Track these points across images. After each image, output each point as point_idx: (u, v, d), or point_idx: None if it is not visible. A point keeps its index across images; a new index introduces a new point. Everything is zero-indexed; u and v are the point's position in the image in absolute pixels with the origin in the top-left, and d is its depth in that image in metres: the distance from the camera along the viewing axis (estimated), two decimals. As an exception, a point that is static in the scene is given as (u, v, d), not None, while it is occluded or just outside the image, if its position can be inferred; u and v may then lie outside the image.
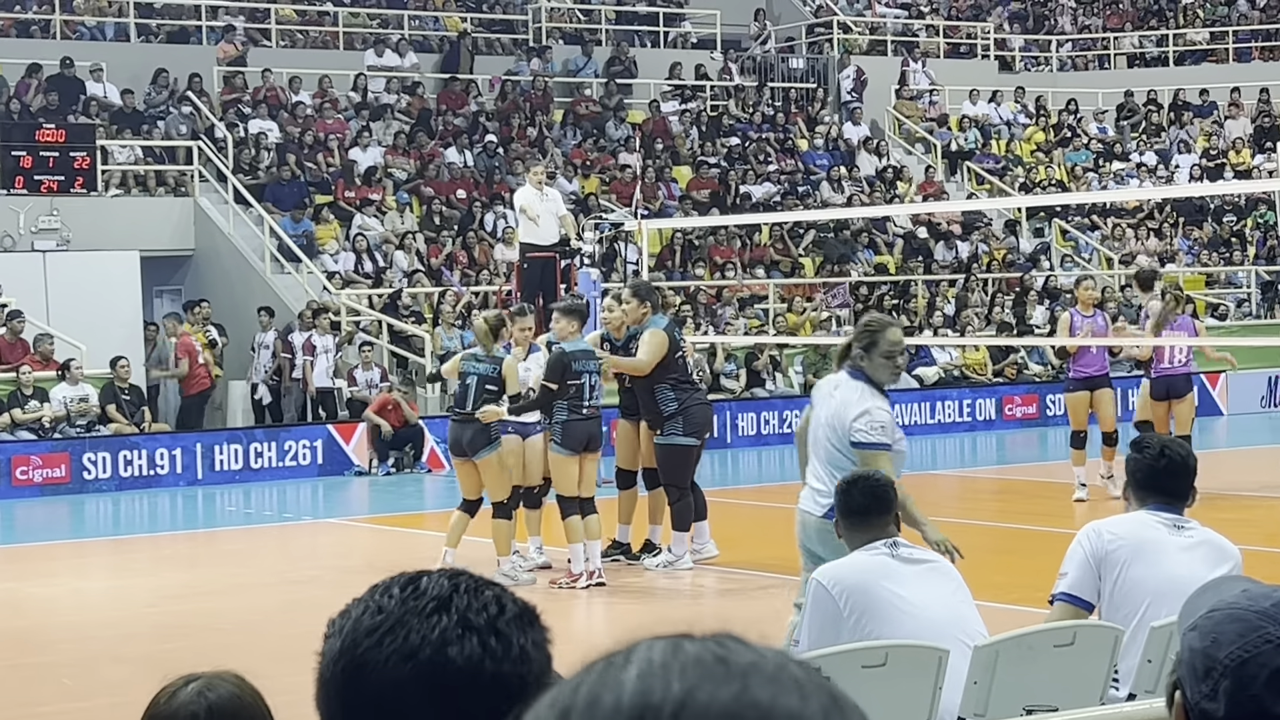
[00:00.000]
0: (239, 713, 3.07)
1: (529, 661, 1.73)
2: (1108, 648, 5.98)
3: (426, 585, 1.77)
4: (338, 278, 25.83)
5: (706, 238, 28.98)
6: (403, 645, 1.71)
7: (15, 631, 12.38)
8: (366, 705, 1.71)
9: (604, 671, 1.25)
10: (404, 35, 32.32)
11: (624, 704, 1.21)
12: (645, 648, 1.26)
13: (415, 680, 1.69)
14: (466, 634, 1.72)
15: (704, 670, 1.23)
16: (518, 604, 1.78)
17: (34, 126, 25.76)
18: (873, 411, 7.88)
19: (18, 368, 21.55)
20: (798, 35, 36.80)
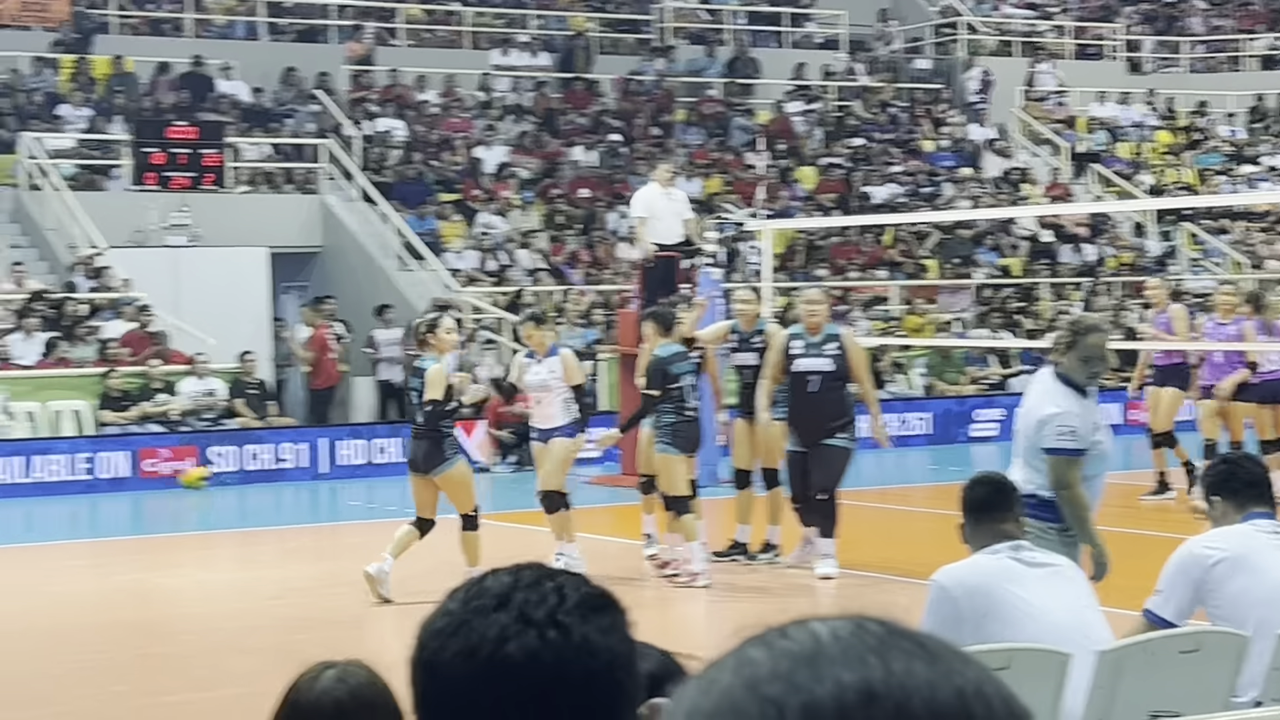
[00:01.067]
0: (375, 699, 3.11)
1: (594, 651, 1.72)
2: (1233, 654, 5.91)
3: (490, 584, 1.78)
4: (461, 275, 26.00)
5: (829, 238, 28.88)
6: (464, 645, 1.72)
7: (142, 622, 12.57)
8: (440, 705, 1.73)
9: (795, 654, 1.18)
10: (529, 34, 32.46)
11: (846, 684, 1.15)
12: (824, 627, 1.20)
13: (477, 678, 1.70)
14: (525, 629, 1.72)
15: (907, 651, 1.18)
16: (581, 593, 1.77)
17: (165, 124, 26.14)
18: (1062, 416, 7.78)
19: (148, 362, 21.87)
20: (924, 35, 36.59)
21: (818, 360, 13.06)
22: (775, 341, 13.42)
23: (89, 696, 10.19)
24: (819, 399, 13.03)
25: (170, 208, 25.56)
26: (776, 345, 13.31)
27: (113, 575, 14.94)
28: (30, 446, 20.65)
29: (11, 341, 21.83)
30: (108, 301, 23.42)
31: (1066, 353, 7.98)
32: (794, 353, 13.12)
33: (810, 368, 13.02)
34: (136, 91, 28.04)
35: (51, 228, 25.18)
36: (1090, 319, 9.02)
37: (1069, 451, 7.77)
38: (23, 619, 12.79)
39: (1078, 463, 7.79)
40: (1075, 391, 7.91)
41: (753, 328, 14.24)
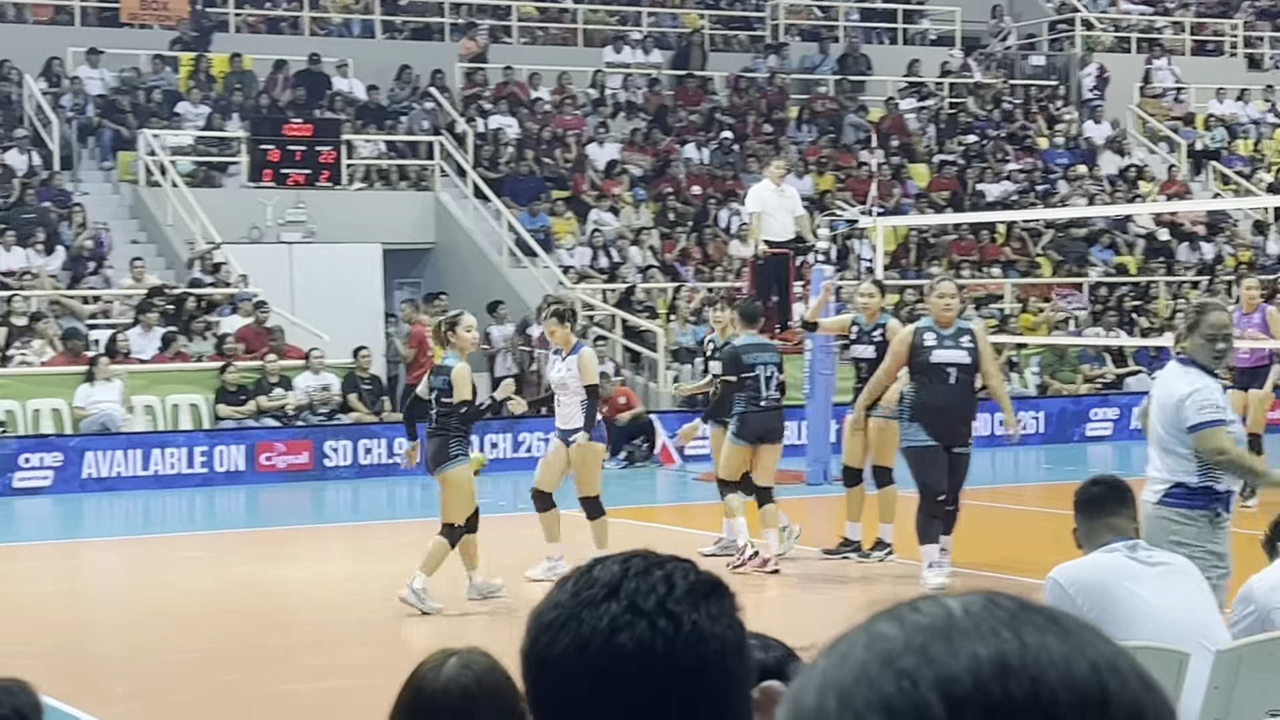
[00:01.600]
0: (499, 686, 3.12)
1: (705, 638, 1.71)
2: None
3: (598, 574, 1.77)
4: (573, 272, 26.07)
5: (942, 236, 28.72)
6: (576, 637, 1.71)
7: (257, 613, 12.70)
8: (553, 697, 1.72)
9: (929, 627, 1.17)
10: (642, 32, 32.51)
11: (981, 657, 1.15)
12: (956, 602, 1.20)
13: (590, 671, 1.70)
14: (636, 618, 1.71)
15: (1039, 625, 1.17)
16: (690, 580, 1.76)
17: (282, 121, 26.41)
18: (1200, 391, 7.73)
19: (263, 356, 22.10)
20: (1039, 32, 36.29)
21: (955, 352, 12.68)
22: (901, 336, 13.03)
23: (205, 686, 10.32)
24: (957, 392, 12.68)
25: (286, 204, 25.81)
26: (903, 339, 12.86)
27: (228, 567, 15.11)
28: (149, 439, 20.93)
29: (130, 336, 22.13)
30: (224, 297, 23.69)
31: (1189, 335, 7.95)
32: (928, 344, 12.67)
33: (948, 359, 12.64)
34: (254, 89, 28.35)
35: (169, 224, 25.50)
36: (1207, 300, 8.97)
37: (1216, 422, 7.71)
38: (143, 609, 12.98)
39: (1226, 433, 7.73)
40: (1204, 372, 7.87)
41: (874, 321, 14.23)
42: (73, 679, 10.35)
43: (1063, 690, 1.14)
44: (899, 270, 27.32)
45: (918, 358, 12.66)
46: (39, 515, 19.15)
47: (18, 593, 14.13)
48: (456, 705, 3.12)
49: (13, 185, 25.13)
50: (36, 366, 21.47)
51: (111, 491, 20.28)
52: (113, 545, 17.62)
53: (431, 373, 12.61)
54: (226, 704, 9.93)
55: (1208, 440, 7.62)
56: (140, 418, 21.42)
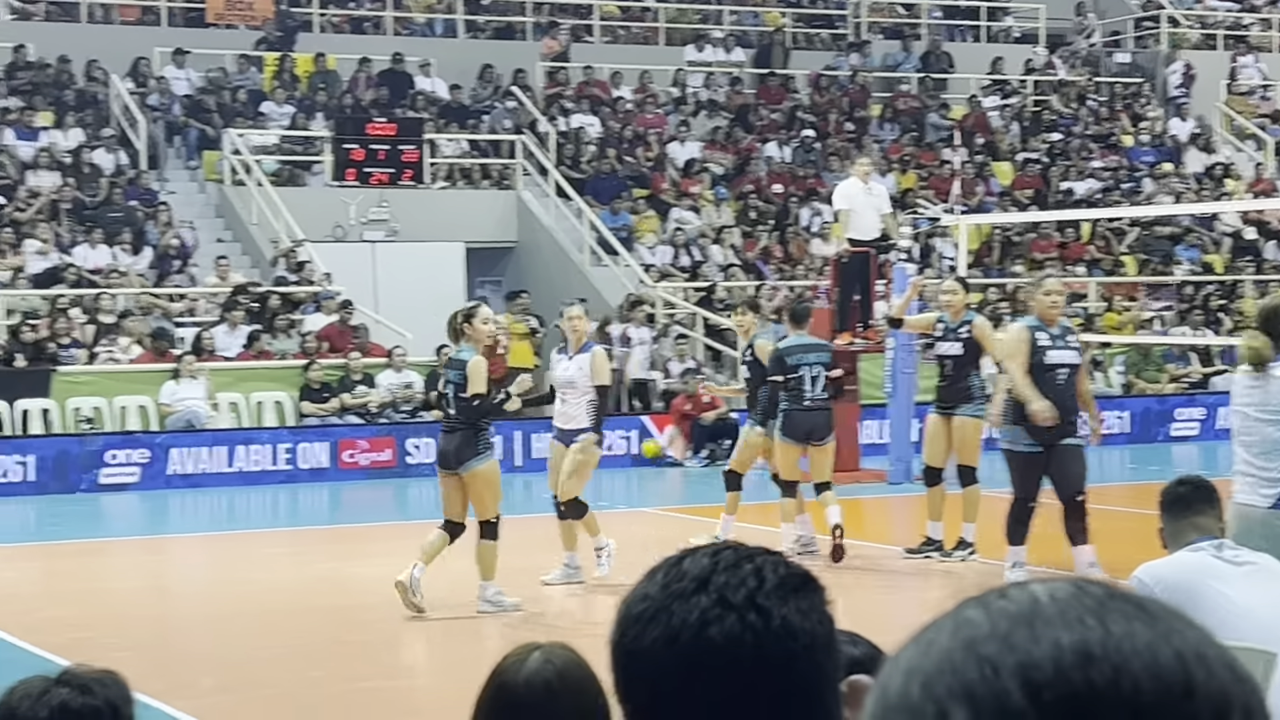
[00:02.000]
0: (583, 680, 3.13)
1: (794, 633, 1.70)
2: None
3: (688, 566, 1.75)
4: (654, 270, 26.09)
5: (1026, 234, 28.56)
6: (665, 630, 1.70)
7: (340, 609, 12.78)
8: (641, 688, 1.72)
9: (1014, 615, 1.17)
10: (724, 30, 32.49)
11: (1064, 645, 1.14)
12: (1044, 588, 1.19)
13: (679, 664, 1.69)
14: (725, 612, 1.70)
15: (1126, 613, 1.16)
16: (780, 574, 1.75)
17: (365, 120, 26.57)
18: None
19: (347, 354, 22.24)
20: (1124, 29, 36.01)
21: (1065, 353, 12.43)
22: (1017, 335, 12.57)
23: (289, 681, 10.40)
24: (1065, 392, 12.38)
25: (369, 203, 25.96)
26: (1021, 339, 12.39)
27: (311, 564, 15.22)
28: (233, 437, 21.10)
29: (216, 334, 22.32)
30: (308, 295, 23.85)
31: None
32: (1042, 344, 12.36)
33: (1061, 360, 12.38)
34: (337, 89, 28.53)
35: (254, 223, 25.70)
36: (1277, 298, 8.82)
37: None
38: (227, 604, 13.09)
39: None
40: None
41: (959, 319, 14.18)
42: (159, 673, 10.44)
43: (1146, 679, 1.12)
44: (982, 269, 27.18)
45: (1031, 358, 12.28)
46: (125, 511, 19.35)
47: (105, 588, 14.28)
48: (538, 700, 3.12)
49: (100, 184, 25.39)
50: (123, 364, 21.69)
51: (196, 488, 20.47)
52: (198, 541, 17.79)
53: (445, 366, 12.46)
54: (310, 700, 10.00)
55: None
56: (225, 415, 21.60)
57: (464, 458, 11.94)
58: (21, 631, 11.64)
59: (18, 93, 27.01)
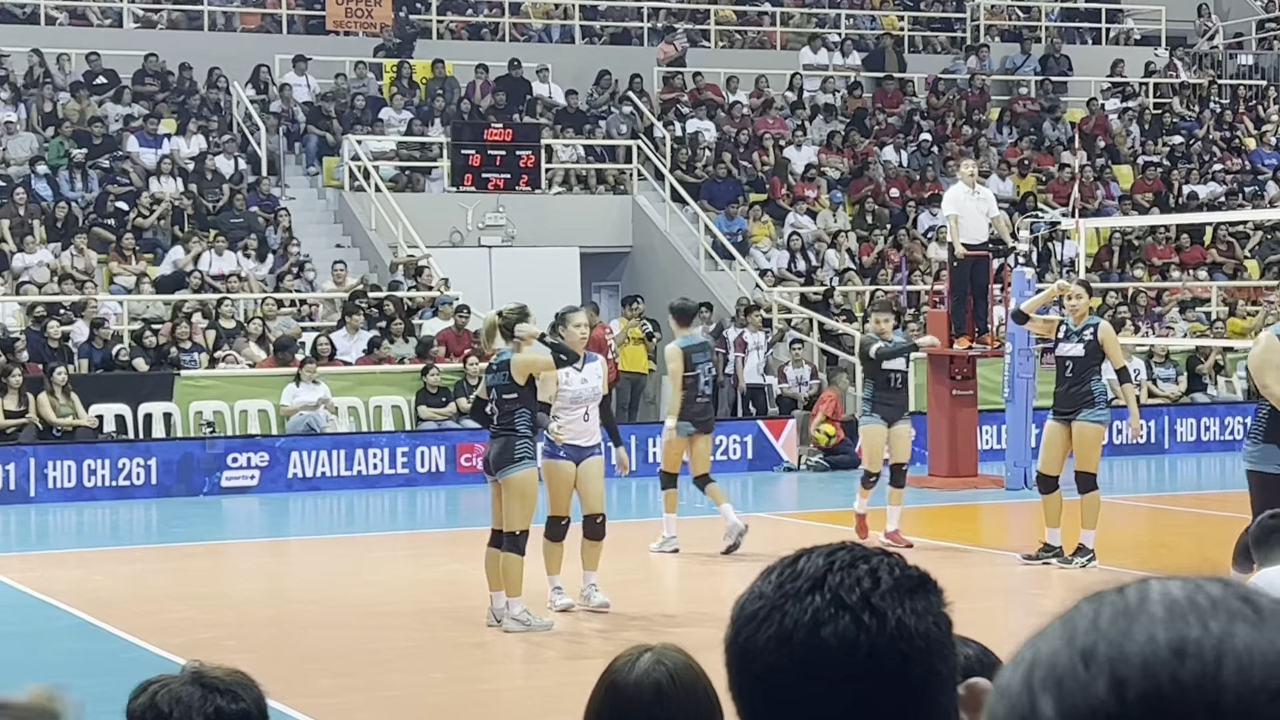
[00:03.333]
0: (694, 681, 3.14)
1: (908, 635, 1.69)
2: None
3: (803, 566, 1.75)
4: (770, 275, 26.05)
5: (1146, 238, 28.26)
6: (779, 630, 1.70)
7: (457, 611, 12.85)
8: (755, 689, 1.72)
9: (1120, 610, 1.18)
10: (840, 34, 32.38)
11: (1159, 640, 1.15)
12: (1160, 586, 1.19)
13: (792, 663, 1.68)
14: (839, 612, 1.69)
15: (1233, 612, 1.16)
16: (896, 575, 1.74)
17: (483, 126, 26.72)
18: None
19: (465, 358, 22.36)
20: (1246, 31, 35.54)
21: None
22: (1272, 345, 11.09)
23: (410, 682, 10.48)
24: None
25: (486, 208, 26.10)
26: (1275, 347, 11.03)
27: (429, 566, 15.32)
28: (352, 440, 21.28)
29: (335, 338, 22.53)
30: (425, 300, 24.02)
31: None
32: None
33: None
34: (455, 95, 28.71)
35: (373, 228, 25.91)
36: None
37: None
38: (347, 606, 13.20)
39: None
40: None
41: (1082, 323, 14.11)
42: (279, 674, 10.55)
43: (1234, 679, 1.12)
44: (1101, 272, 26.92)
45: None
46: (246, 514, 19.57)
47: (226, 590, 14.46)
48: (649, 700, 3.14)
49: (222, 190, 25.71)
50: (245, 369, 21.94)
51: (316, 491, 20.66)
52: (317, 544, 17.95)
53: (487, 370, 11.97)
54: (432, 700, 10.07)
55: None
56: (344, 419, 21.80)
57: (500, 463, 11.54)
58: (145, 632, 11.81)
59: (141, 100, 27.41)
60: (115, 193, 25.32)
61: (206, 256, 24.28)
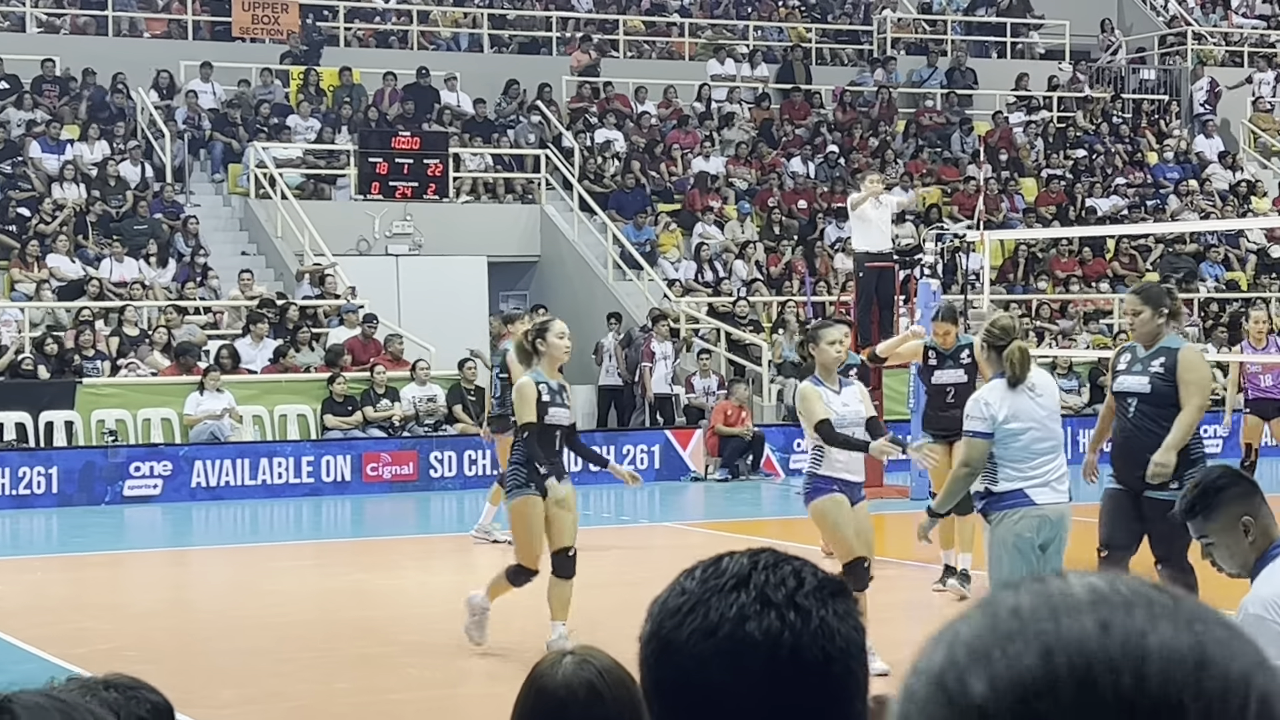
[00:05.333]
0: (622, 681, 3.13)
1: (831, 634, 1.72)
2: None
3: (727, 565, 1.78)
4: (678, 285, 26.09)
5: (1050, 250, 28.52)
6: (704, 623, 1.72)
7: (363, 621, 12.78)
8: (675, 683, 1.73)
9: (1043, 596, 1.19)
10: (748, 45, 32.50)
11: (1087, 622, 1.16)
12: (1079, 577, 1.21)
13: (716, 656, 1.70)
14: (765, 609, 1.72)
15: (1154, 603, 1.17)
16: (819, 577, 1.77)
17: (390, 134, 26.62)
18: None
19: (371, 367, 22.26)
20: (1149, 46, 35.96)
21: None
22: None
23: (314, 692, 10.40)
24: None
25: (393, 217, 26.01)
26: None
27: (335, 576, 15.23)
28: (257, 449, 21.14)
29: (240, 346, 22.37)
30: (332, 309, 23.90)
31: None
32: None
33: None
34: (362, 103, 28.59)
35: (279, 236, 25.75)
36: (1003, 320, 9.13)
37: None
38: (250, 616, 13.10)
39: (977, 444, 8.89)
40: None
41: (954, 345, 13.48)
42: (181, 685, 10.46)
43: (1158, 657, 1.14)
44: (1005, 285, 27.14)
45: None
46: (149, 523, 19.39)
47: (129, 600, 14.31)
48: (584, 701, 3.12)
49: (125, 197, 25.47)
50: (148, 377, 21.74)
51: (220, 500, 20.50)
52: (221, 554, 17.81)
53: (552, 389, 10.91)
54: (337, 711, 10.00)
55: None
56: (249, 428, 21.64)
57: (507, 489, 10.92)
58: (44, 643, 11.67)
59: (44, 105, 27.11)
60: (17, 199, 25.04)
61: (107, 263, 24.05)
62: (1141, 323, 9.48)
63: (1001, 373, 8.95)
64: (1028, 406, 8.86)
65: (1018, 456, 8.84)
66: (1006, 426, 8.86)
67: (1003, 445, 8.85)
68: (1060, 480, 9.08)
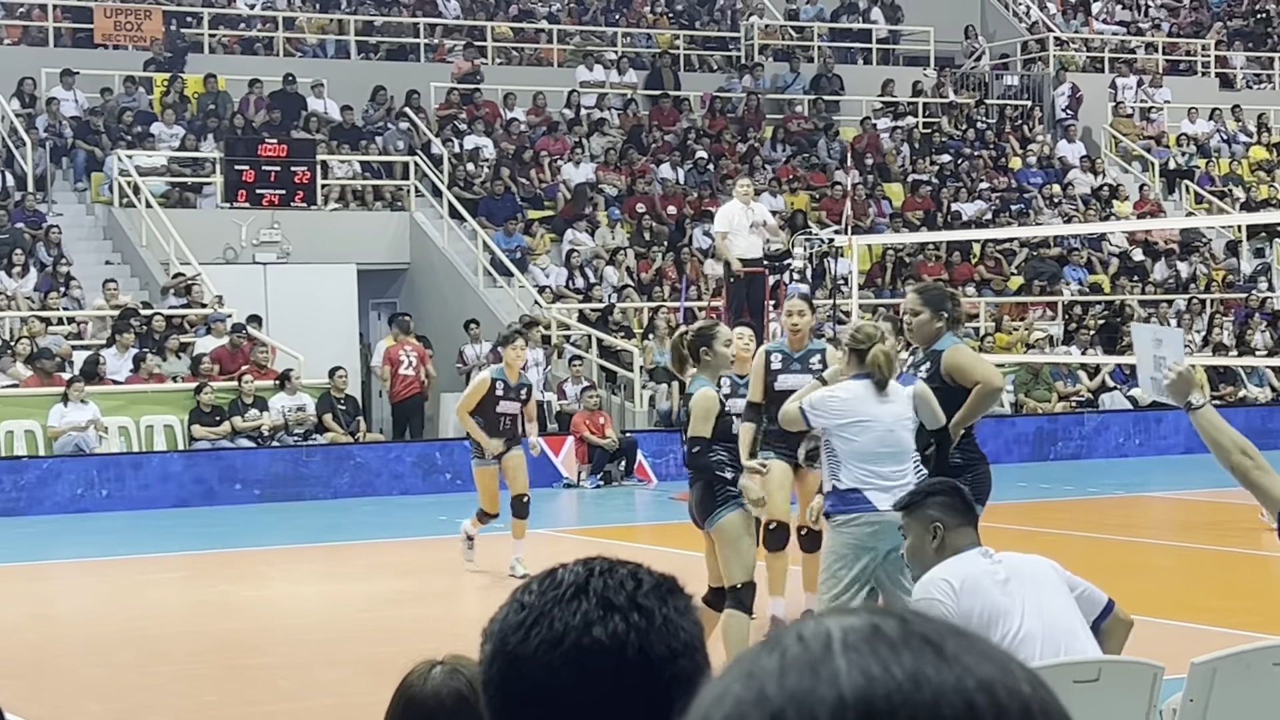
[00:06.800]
0: None
1: (675, 631, 1.76)
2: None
3: (563, 575, 1.80)
4: (548, 292, 26.08)
5: (917, 255, 28.80)
6: (548, 634, 1.74)
7: (231, 633, 12.67)
8: (524, 696, 1.74)
9: (804, 662, 1.16)
10: (616, 52, 32.55)
11: (846, 697, 1.14)
12: (840, 630, 1.19)
13: (565, 665, 1.72)
14: (608, 613, 1.74)
15: (916, 650, 1.16)
16: (654, 576, 1.81)
17: (256, 142, 26.39)
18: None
19: (239, 377, 22.06)
20: (1012, 52, 36.42)
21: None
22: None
23: (181, 706, 10.28)
24: None
25: (260, 225, 25.80)
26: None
27: (202, 588, 15.07)
28: (122, 461, 20.86)
29: (105, 357, 22.08)
30: (199, 318, 23.66)
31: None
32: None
33: None
34: (228, 110, 28.32)
35: (144, 245, 25.45)
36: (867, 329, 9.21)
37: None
38: (116, 630, 12.94)
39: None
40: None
41: (804, 348, 11.81)
42: (48, 699, 10.31)
43: (928, 713, 1.13)
44: (874, 289, 27.37)
45: None
46: (10, 536, 19.06)
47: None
48: (453, 710, 3.10)
49: (-14, 206, 25.07)
50: (10, 388, 21.41)
51: (85, 513, 20.21)
52: (85, 567, 17.55)
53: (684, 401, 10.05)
54: (201, 724, 9.89)
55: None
56: (115, 439, 21.37)
57: (705, 511, 9.70)
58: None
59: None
60: (-127, 208, 24.57)
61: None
62: (920, 324, 9.36)
63: (859, 374, 9.00)
64: (877, 410, 8.91)
65: (859, 456, 8.88)
66: (849, 423, 8.87)
67: (844, 442, 8.89)
68: (902, 488, 8.91)
